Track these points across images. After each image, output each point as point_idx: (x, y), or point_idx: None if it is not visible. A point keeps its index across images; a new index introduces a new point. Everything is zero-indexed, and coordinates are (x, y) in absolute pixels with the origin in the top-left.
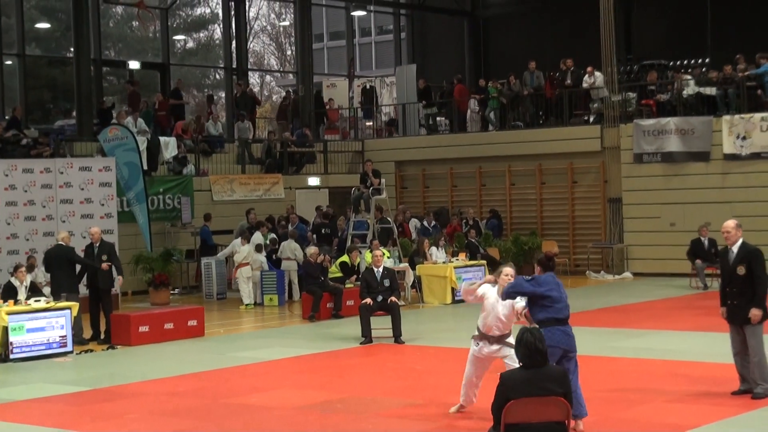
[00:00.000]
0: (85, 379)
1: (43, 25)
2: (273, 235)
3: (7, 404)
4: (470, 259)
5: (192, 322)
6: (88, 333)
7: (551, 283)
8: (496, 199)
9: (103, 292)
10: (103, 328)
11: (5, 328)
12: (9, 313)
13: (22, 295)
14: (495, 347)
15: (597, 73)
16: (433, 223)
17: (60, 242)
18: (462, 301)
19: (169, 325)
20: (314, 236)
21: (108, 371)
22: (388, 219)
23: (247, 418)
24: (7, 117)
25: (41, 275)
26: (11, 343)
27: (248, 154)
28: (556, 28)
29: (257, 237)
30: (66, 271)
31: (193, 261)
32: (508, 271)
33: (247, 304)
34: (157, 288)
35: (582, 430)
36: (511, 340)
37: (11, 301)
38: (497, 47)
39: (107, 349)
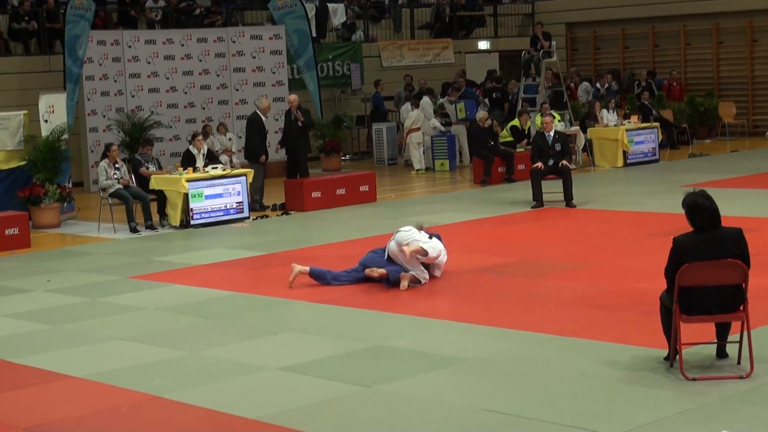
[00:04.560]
0: (261, 244)
1: None
2: (442, 100)
3: (189, 268)
4: (643, 122)
5: (364, 188)
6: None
7: None
8: (670, 59)
9: (299, 157)
10: None
11: (186, 195)
12: (189, 181)
13: (200, 162)
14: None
15: None
16: (607, 85)
17: (257, 111)
18: (634, 164)
19: (341, 191)
20: (485, 100)
21: (283, 236)
22: (560, 82)
23: None
24: None
25: (217, 143)
26: (192, 210)
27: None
28: None
29: (426, 102)
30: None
31: (364, 127)
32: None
33: (418, 170)
34: (328, 154)
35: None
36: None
37: (190, 169)
38: None
39: (281, 214)
